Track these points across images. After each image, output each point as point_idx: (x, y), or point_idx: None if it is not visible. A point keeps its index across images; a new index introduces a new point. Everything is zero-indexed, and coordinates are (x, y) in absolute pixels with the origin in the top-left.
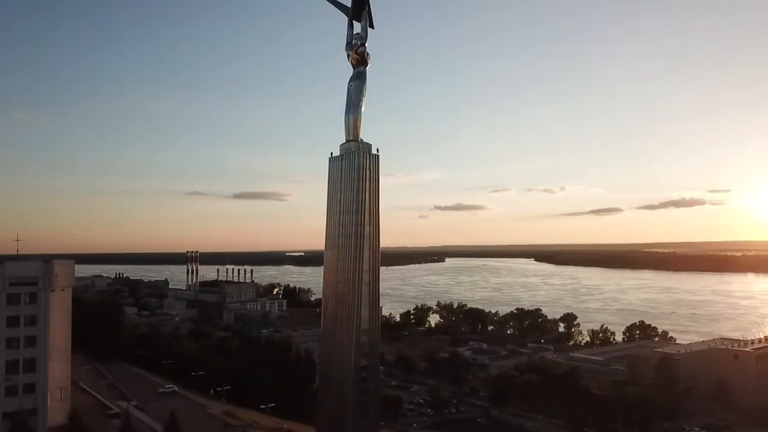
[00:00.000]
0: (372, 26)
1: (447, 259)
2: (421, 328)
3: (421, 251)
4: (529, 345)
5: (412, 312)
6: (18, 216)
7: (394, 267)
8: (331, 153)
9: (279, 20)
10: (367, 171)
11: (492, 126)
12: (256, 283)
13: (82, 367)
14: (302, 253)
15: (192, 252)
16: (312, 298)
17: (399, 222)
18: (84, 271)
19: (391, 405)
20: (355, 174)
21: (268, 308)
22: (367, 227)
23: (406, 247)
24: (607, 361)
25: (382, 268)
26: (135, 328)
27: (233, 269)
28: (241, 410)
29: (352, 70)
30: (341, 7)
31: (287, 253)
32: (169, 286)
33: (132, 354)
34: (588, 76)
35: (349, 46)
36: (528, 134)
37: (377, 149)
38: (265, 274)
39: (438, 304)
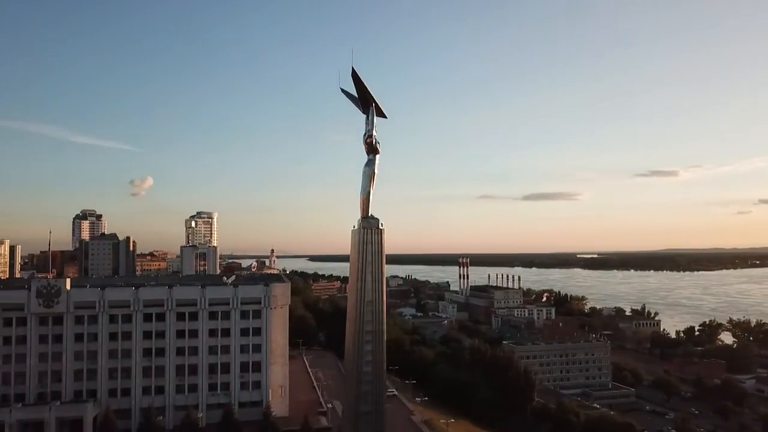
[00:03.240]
0: (384, 116)
1: None
2: (698, 348)
3: (740, 254)
4: None
5: (697, 328)
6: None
7: (701, 272)
8: (353, 226)
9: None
10: (370, 245)
11: None
12: (528, 289)
13: (323, 366)
14: (595, 255)
15: (463, 258)
16: (585, 308)
17: (710, 219)
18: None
19: (618, 431)
20: (357, 248)
21: (535, 316)
22: (369, 293)
23: (721, 249)
24: None
25: (685, 274)
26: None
27: (503, 274)
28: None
29: None
30: (355, 102)
31: (578, 255)
32: (450, 289)
33: None
34: None
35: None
36: None
37: (382, 224)
38: (550, 278)
39: (730, 320)
